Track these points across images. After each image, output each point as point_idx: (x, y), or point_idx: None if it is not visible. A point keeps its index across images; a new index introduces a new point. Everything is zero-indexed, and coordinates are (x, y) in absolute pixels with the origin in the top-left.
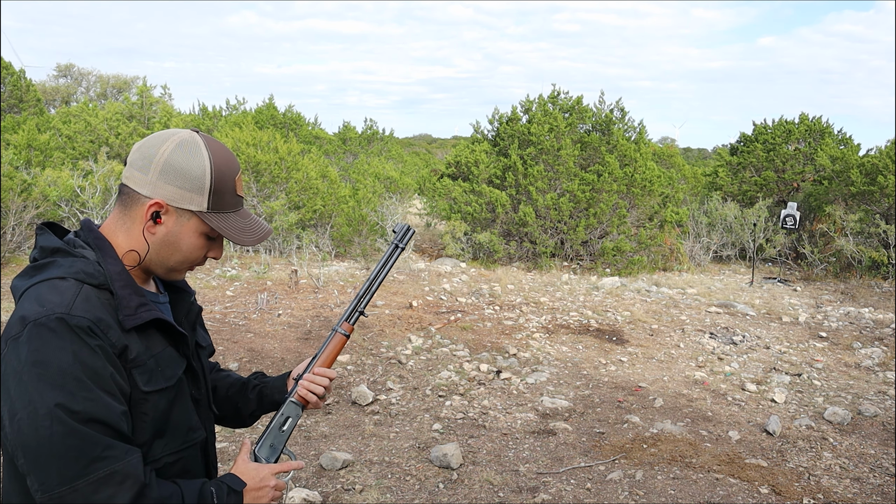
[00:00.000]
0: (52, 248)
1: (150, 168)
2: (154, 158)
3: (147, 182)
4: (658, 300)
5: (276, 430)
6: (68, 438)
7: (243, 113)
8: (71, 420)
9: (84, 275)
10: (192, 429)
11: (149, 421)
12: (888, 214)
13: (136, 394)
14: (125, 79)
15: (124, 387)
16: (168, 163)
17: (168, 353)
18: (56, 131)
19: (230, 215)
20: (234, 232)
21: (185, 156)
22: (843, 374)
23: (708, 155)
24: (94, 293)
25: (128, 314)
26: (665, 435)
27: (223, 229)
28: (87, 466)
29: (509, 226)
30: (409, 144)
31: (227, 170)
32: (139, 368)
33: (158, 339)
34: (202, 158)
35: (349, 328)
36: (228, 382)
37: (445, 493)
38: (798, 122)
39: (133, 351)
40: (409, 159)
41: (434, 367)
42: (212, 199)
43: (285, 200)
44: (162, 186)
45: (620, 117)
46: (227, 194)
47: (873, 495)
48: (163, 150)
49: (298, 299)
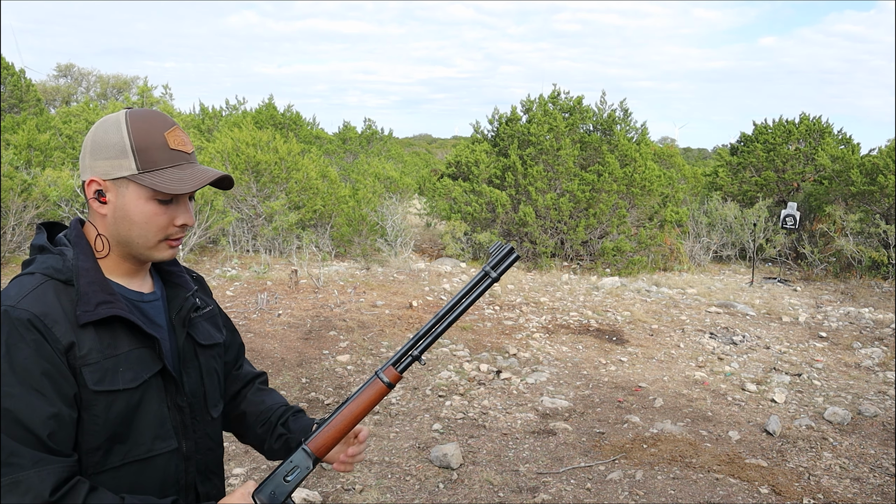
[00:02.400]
0: (37, 246)
1: (84, 155)
2: (85, 146)
3: (84, 167)
4: (658, 300)
5: (281, 478)
6: None
7: (243, 113)
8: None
9: (53, 270)
10: (161, 437)
11: (101, 423)
12: (888, 214)
13: (85, 393)
14: (125, 79)
15: (65, 386)
16: (92, 142)
17: (136, 355)
18: (56, 131)
19: (166, 170)
20: (169, 184)
21: (103, 129)
22: (843, 374)
23: (708, 155)
24: (57, 288)
25: (85, 310)
26: (665, 435)
27: (157, 184)
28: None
29: (509, 226)
30: (409, 144)
31: (149, 126)
32: (89, 367)
33: (126, 338)
34: (119, 125)
35: (396, 377)
36: (259, 411)
37: (445, 493)
38: (798, 122)
39: (84, 348)
40: (409, 159)
41: (434, 367)
42: (138, 159)
43: (285, 200)
44: (93, 165)
45: (623, 118)
46: (156, 150)
47: (873, 495)
48: (88, 135)
49: (298, 299)
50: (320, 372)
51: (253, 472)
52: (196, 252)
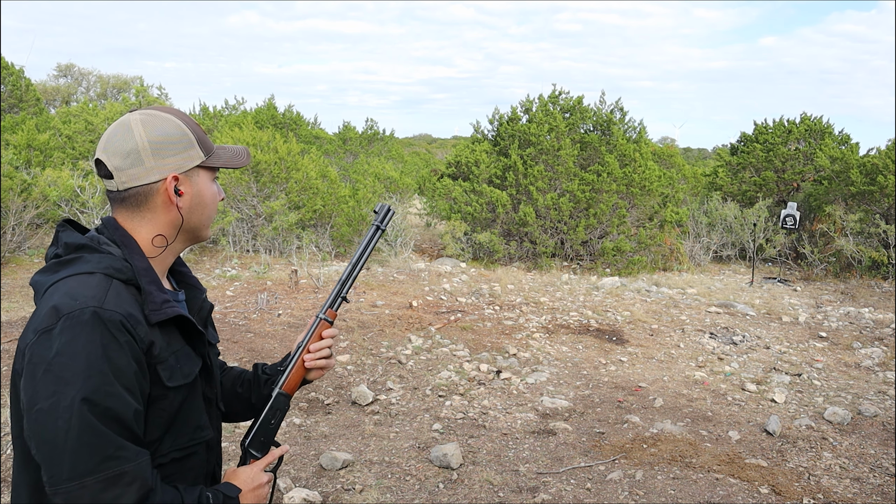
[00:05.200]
0: (77, 244)
1: (141, 158)
2: (138, 148)
3: (149, 170)
4: (658, 300)
5: (266, 424)
6: (85, 434)
7: (243, 113)
8: (90, 415)
9: (113, 270)
10: (201, 427)
11: (165, 417)
12: (888, 214)
13: (157, 390)
14: (125, 79)
15: (144, 385)
16: (153, 142)
17: (186, 351)
18: (56, 131)
19: (218, 152)
20: (232, 161)
21: (159, 128)
22: (843, 374)
23: (708, 155)
24: (123, 288)
25: (153, 309)
26: (665, 435)
27: (226, 164)
28: (99, 464)
29: (509, 226)
30: (410, 144)
31: (190, 119)
32: (162, 364)
33: (177, 336)
34: (170, 121)
35: (333, 314)
36: (233, 376)
37: (445, 493)
38: (798, 122)
39: (157, 347)
40: (409, 159)
41: (434, 367)
42: (202, 147)
43: (285, 200)
44: (164, 163)
45: (620, 118)
46: (205, 137)
47: (873, 495)
48: (136, 137)
49: (298, 299)
50: None
51: None
52: (196, 252)
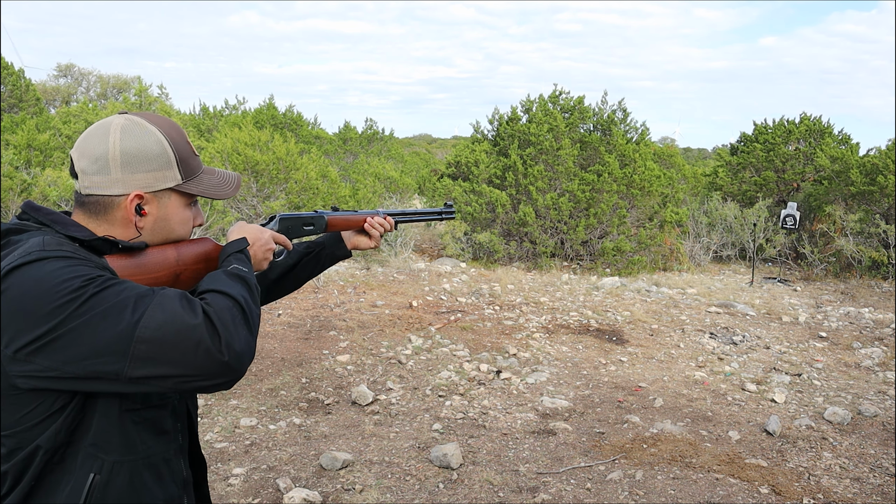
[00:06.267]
0: (3, 230)
1: (108, 167)
2: (107, 155)
3: (113, 181)
4: (658, 300)
5: (301, 223)
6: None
7: (243, 113)
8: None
9: (55, 244)
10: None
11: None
12: (888, 214)
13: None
14: (125, 79)
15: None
16: (125, 153)
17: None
18: (56, 131)
19: (201, 176)
20: (214, 190)
21: (137, 139)
22: (843, 374)
23: (708, 155)
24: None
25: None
26: (665, 435)
27: (204, 192)
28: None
29: (509, 226)
30: (410, 144)
31: (178, 135)
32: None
33: None
34: (153, 134)
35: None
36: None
37: (445, 493)
38: (798, 122)
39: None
40: (409, 159)
41: (434, 367)
42: (182, 169)
43: (285, 201)
44: (131, 178)
45: (622, 118)
46: (190, 157)
47: (873, 495)
48: (111, 143)
49: (298, 299)
50: (320, 372)
51: (253, 472)
52: None
